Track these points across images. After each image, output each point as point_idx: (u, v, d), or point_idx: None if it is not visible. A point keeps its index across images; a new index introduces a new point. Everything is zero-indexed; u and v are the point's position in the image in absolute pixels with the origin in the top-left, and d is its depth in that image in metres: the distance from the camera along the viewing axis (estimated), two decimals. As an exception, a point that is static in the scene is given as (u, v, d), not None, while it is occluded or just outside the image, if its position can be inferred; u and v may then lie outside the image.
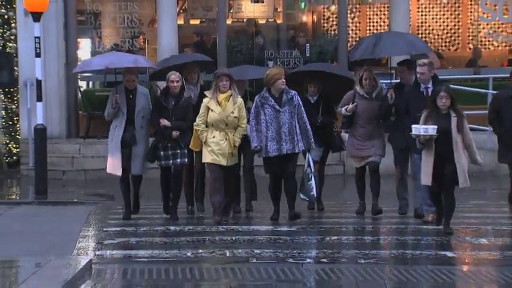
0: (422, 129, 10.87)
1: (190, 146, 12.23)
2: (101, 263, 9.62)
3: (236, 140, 11.89)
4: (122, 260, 9.72)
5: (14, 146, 18.10)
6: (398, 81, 13.17)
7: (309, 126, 12.02)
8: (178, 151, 12.20)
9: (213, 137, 11.83)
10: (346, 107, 12.53)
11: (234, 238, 10.84)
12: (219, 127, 11.85)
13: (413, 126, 10.98)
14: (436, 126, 10.83)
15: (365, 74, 12.61)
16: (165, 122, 12.10)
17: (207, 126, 11.90)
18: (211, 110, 11.82)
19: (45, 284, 8.43)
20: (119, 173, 12.37)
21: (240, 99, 11.93)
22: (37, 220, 12.92)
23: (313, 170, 12.18)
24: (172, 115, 12.15)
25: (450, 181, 10.95)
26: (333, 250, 10.33)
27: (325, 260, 9.78)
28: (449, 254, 10.19)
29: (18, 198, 15.61)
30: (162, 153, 12.23)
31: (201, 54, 15.05)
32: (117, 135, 12.35)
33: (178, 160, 12.23)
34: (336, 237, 11.16)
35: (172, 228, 11.86)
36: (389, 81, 13.69)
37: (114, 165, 12.38)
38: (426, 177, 11.03)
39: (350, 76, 13.98)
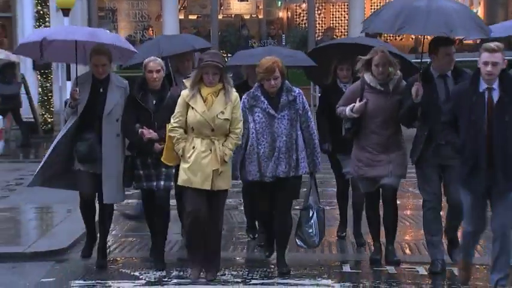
0: None
1: (162, 159, 6.89)
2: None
3: (226, 153, 6.66)
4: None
5: (49, 116, 18.40)
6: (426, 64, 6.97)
7: (316, 141, 6.99)
8: (163, 169, 7.12)
9: (193, 148, 6.67)
10: (351, 105, 7.01)
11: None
12: (202, 133, 6.66)
13: None
14: None
15: (377, 57, 6.94)
16: (151, 134, 7.04)
17: (186, 132, 6.74)
18: (192, 109, 6.65)
19: (75, 225, 8.45)
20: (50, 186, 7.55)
21: (235, 95, 6.73)
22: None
23: (318, 204, 7.11)
24: (154, 120, 7.11)
25: None
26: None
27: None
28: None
29: (52, 158, 15.78)
30: (141, 172, 7.20)
31: (199, 38, 9.45)
32: (64, 142, 7.17)
33: (162, 182, 7.16)
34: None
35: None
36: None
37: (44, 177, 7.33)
38: None
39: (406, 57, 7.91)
